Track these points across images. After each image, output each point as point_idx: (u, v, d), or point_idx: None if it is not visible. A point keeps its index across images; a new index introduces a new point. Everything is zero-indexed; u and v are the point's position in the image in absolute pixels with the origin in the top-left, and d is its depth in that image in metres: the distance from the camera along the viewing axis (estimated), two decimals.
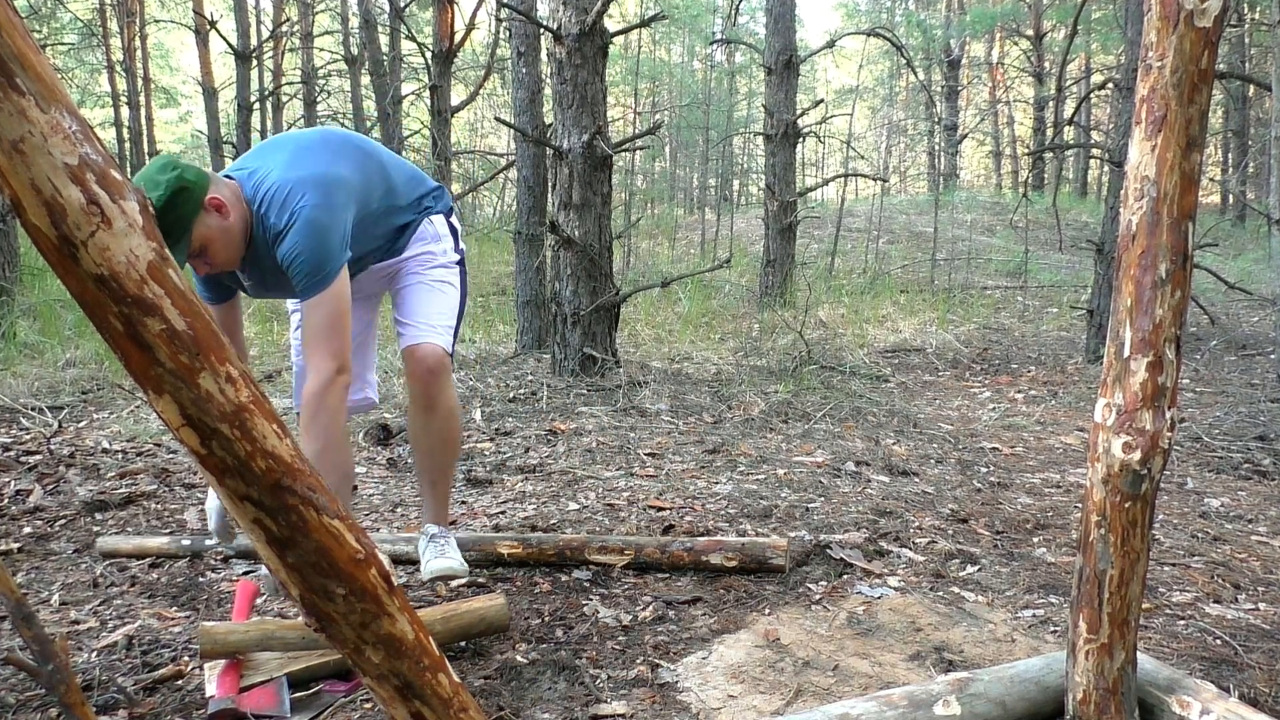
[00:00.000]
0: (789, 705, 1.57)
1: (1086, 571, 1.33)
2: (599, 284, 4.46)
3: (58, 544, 2.31)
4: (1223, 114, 14.98)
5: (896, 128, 20.65)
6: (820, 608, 1.98)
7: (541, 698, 1.58)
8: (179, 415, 0.81)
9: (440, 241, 1.90)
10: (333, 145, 1.70)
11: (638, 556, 2.16)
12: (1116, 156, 5.21)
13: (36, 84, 0.72)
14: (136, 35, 13.21)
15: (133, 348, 0.78)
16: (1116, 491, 1.27)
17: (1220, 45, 1.22)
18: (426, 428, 1.85)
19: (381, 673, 0.97)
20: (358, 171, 1.70)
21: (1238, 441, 3.59)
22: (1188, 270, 1.23)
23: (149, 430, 3.39)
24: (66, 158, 0.73)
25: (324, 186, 1.61)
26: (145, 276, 0.77)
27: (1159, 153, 1.21)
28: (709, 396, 4.19)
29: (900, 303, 7.59)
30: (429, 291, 1.85)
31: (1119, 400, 1.26)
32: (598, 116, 4.33)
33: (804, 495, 2.77)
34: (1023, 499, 2.83)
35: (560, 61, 4.31)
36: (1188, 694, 1.37)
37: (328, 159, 1.66)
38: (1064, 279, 9.06)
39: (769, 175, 7.69)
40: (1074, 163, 17.58)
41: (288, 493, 0.86)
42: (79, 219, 0.74)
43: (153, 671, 1.63)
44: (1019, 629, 1.87)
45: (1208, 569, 2.22)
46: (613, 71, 14.31)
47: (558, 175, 4.45)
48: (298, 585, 0.91)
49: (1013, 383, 5.04)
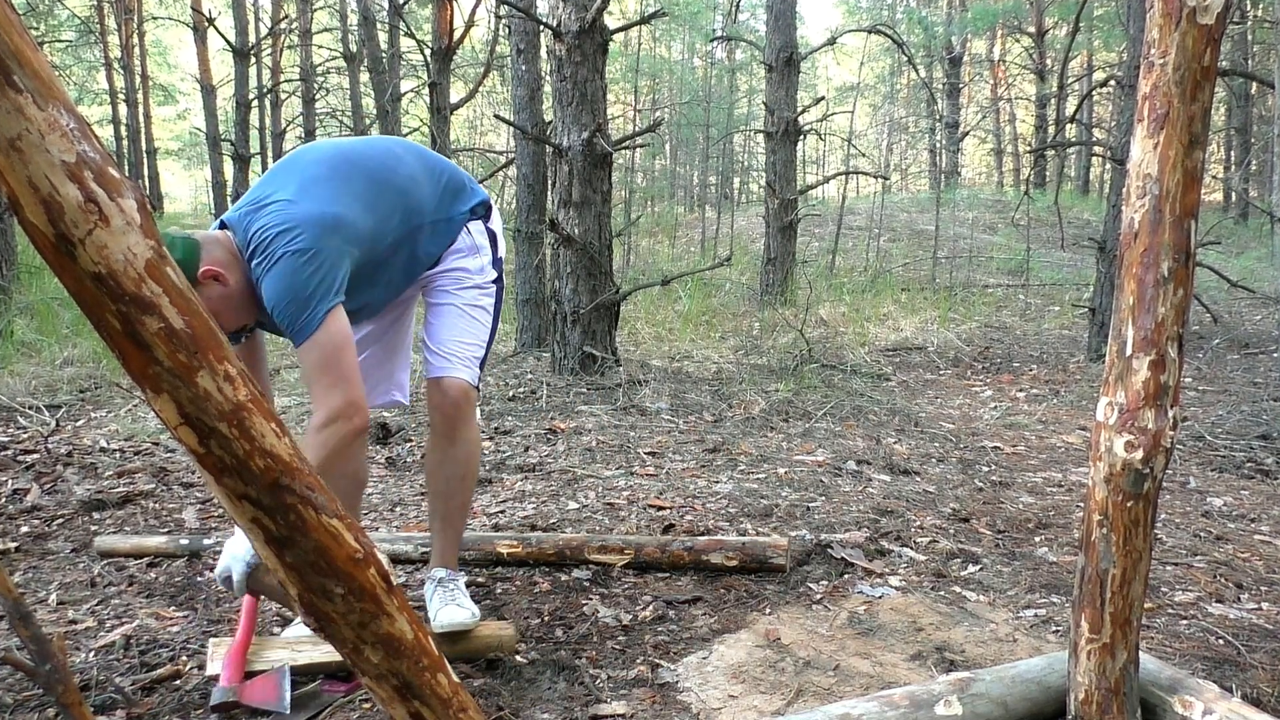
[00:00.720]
0: (790, 705, 1.56)
1: (1089, 571, 1.33)
2: (599, 282, 4.45)
3: (55, 543, 2.30)
4: (1225, 111, 14.94)
5: (898, 125, 20.63)
6: (821, 607, 1.97)
7: (541, 697, 1.57)
8: (177, 414, 0.81)
9: (478, 255, 1.80)
10: (343, 174, 1.59)
11: (638, 556, 2.15)
12: (1119, 154, 5.19)
13: (34, 81, 0.72)
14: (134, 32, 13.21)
15: (130, 346, 0.78)
16: (1119, 491, 1.27)
17: (1223, 42, 1.22)
18: (444, 461, 1.78)
19: (380, 672, 0.97)
20: (367, 209, 1.58)
21: (1240, 440, 3.58)
22: (1190, 268, 1.23)
23: (147, 429, 3.38)
24: (64, 155, 0.73)
25: (317, 229, 1.49)
26: (143, 274, 0.77)
27: (1161, 150, 1.20)
28: (709, 395, 4.19)
29: (901, 301, 7.58)
30: (459, 317, 1.77)
31: (1121, 399, 1.25)
32: (597, 114, 4.32)
33: (805, 494, 2.76)
34: (1025, 498, 2.83)
35: (560, 59, 4.30)
36: (1190, 694, 1.36)
37: (331, 194, 1.54)
38: (1066, 277, 9.04)
39: (769, 173, 7.68)
40: (1076, 160, 17.55)
41: (286, 491, 0.86)
42: (76, 217, 0.74)
43: (151, 671, 1.63)
44: (1021, 629, 1.87)
45: (1210, 568, 2.21)
46: (613, 69, 14.30)
47: (557, 173, 4.44)
48: (296, 584, 0.91)
49: (1014, 381, 5.03)
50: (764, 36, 8.02)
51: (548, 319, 4.81)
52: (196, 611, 1.91)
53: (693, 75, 16.32)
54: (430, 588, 1.80)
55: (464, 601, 1.75)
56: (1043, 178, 15.77)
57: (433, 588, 1.79)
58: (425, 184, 1.72)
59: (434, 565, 1.83)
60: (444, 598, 1.75)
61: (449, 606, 1.71)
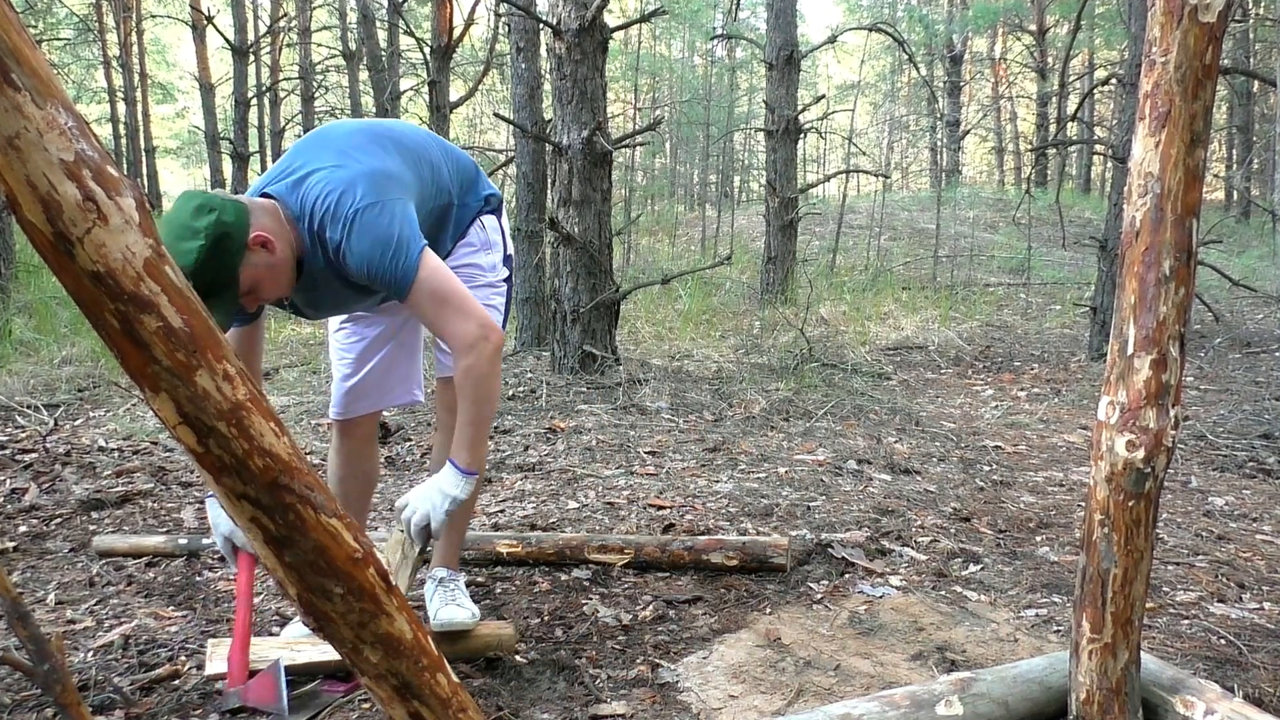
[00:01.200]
0: (790, 705, 1.56)
1: (1090, 570, 1.32)
2: (599, 281, 4.44)
3: (54, 543, 2.30)
4: (1227, 110, 14.92)
5: (898, 124, 20.60)
6: (822, 607, 1.97)
7: (541, 697, 1.57)
8: (176, 413, 0.81)
9: (490, 252, 1.78)
10: (379, 142, 1.58)
11: (638, 555, 2.15)
12: (1120, 152, 5.18)
13: (32, 79, 0.71)
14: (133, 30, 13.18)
15: (129, 345, 0.78)
16: (1120, 490, 1.27)
17: (1225, 40, 1.21)
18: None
19: (380, 672, 0.96)
20: (409, 169, 1.58)
21: (1242, 440, 3.57)
22: (1192, 267, 1.22)
23: (145, 428, 3.38)
24: (62, 154, 0.72)
25: (374, 182, 1.47)
26: (142, 273, 0.77)
27: (1163, 149, 1.20)
28: (709, 394, 4.18)
29: (902, 300, 7.57)
30: None
31: (1122, 398, 1.25)
32: (597, 112, 4.31)
33: (805, 494, 2.76)
34: (1026, 497, 2.82)
35: (560, 57, 4.29)
36: (1192, 694, 1.36)
37: (375, 155, 1.53)
38: (1067, 276, 9.03)
39: (770, 171, 7.67)
40: (1077, 159, 17.52)
41: (285, 491, 0.86)
42: (75, 215, 0.73)
43: (149, 671, 1.62)
44: (1022, 628, 1.86)
45: (1212, 568, 2.20)
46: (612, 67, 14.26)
47: (557, 171, 4.43)
48: (295, 584, 0.91)
49: (1015, 380, 5.02)
50: (764, 34, 8.01)
51: (547, 318, 4.80)
52: (195, 611, 1.91)
53: (693, 73, 16.29)
54: (430, 587, 1.79)
55: (464, 601, 1.74)
56: (1044, 176, 15.75)
57: (433, 587, 1.78)
58: (445, 166, 1.70)
59: (435, 565, 1.82)
60: (444, 597, 1.74)
61: (449, 606, 1.71)
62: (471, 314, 1.47)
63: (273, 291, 1.49)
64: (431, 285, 1.45)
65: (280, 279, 1.48)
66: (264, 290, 1.47)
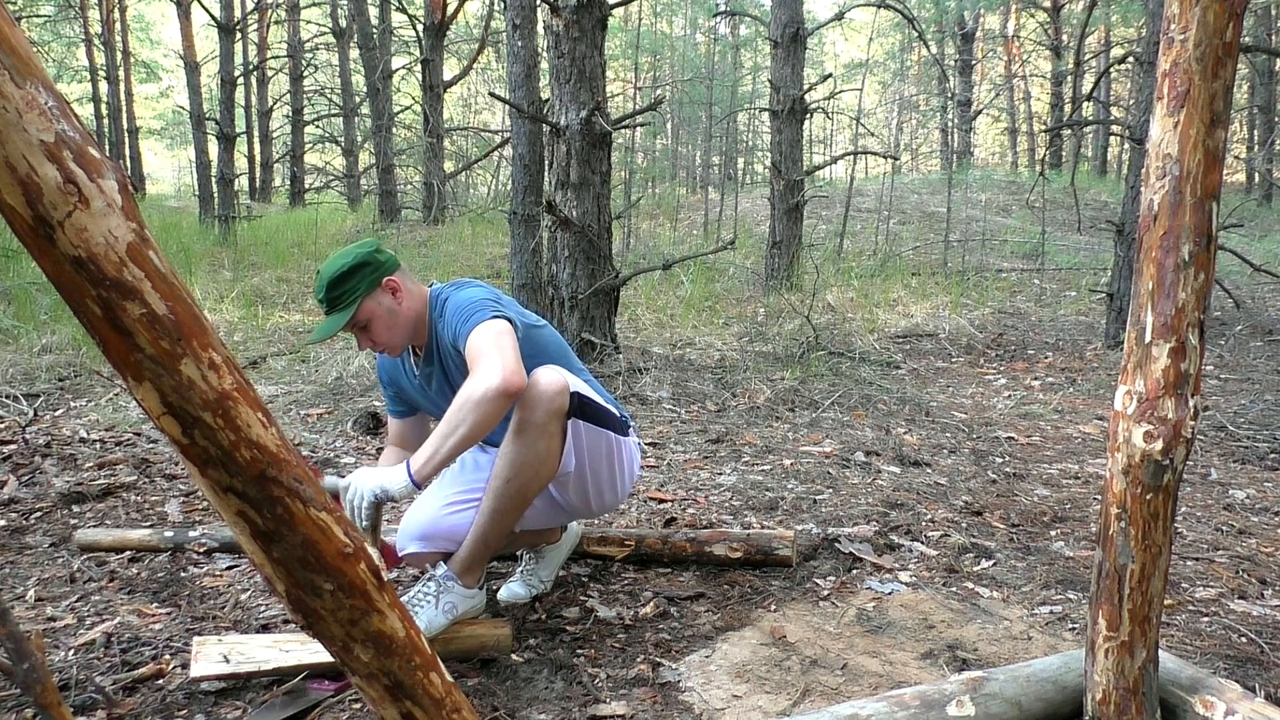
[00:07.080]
0: (796, 705, 1.52)
1: (1106, 566, 1.30)
2: (598, 266, 4.38)
3: (33, 537, 2.25)
4: (1248, 89, 14.63)
5: (908, 104, 20.37)
6: (828, 604, 1.93)
7: (538, 697, 1.54)
8: (160, 403, 0.79)
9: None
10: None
11: (638, 548, 2.11)
12: (1137, 133, 5.07)
13: (11, 58, 0.70)
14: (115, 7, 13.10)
15: (111, 333, 0.76)
16: (1137, 483, 1.23)
17: (1245, 17, 1.19)
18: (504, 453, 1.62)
19: (371, 671, 0.95)
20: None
21: (1264, 430, 3.49)
22: (1211, 252, 1.19)
23: (128, 419, 3.32)
24: (42, 134, 0.71)
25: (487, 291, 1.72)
26: (125, 258, 0.75)
27: (1182, 129, 1.17)
28: (712, 384, 4.13)
29: (912, 286, 7.48)
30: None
31: (1140, 387, 1.22)
32: (596, 92, 4.23)
33: (811, 487, 2.71)
34: (1039, 490, 2.77)
35: (557, 34, 4.22)
36: (1211, 694, 1.34)
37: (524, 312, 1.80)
38: (1083, 261, 8.90)
39: (775, 153, 7.56)
40: (1093, 140, 17.27)
41: (273, 484, 0.84)
42: (55, 198, 0.72)
43: (133, 670, 1.59)
44: (1035, 626, 1.82)
45: (1232, 563, 2.15)
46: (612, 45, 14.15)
47: (555, 153, 4.37)
48: (284, 580, 0.89)
49: (1029, 369, 4.95)
50: (769, 11, 7.85)
51: (544, 304, 4.74)
52: (180, 608, 1.88)
53: (695, 51, 16.10)
54: (422, 580, 1.72)
55: (426, 608, 1.62)
56: (1058, 158, 15.53)
57: (423, 580, 1.70)
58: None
59: (448, 562, 1.70)
60: (421, 593, 1.65)
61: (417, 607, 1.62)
62: (509, 361, 1.53)
63: (383, 336, 1.68)
64: (484, 333, 1.57)
65: (393, 329, 1.68)
66: (375, 331, 1.66)
